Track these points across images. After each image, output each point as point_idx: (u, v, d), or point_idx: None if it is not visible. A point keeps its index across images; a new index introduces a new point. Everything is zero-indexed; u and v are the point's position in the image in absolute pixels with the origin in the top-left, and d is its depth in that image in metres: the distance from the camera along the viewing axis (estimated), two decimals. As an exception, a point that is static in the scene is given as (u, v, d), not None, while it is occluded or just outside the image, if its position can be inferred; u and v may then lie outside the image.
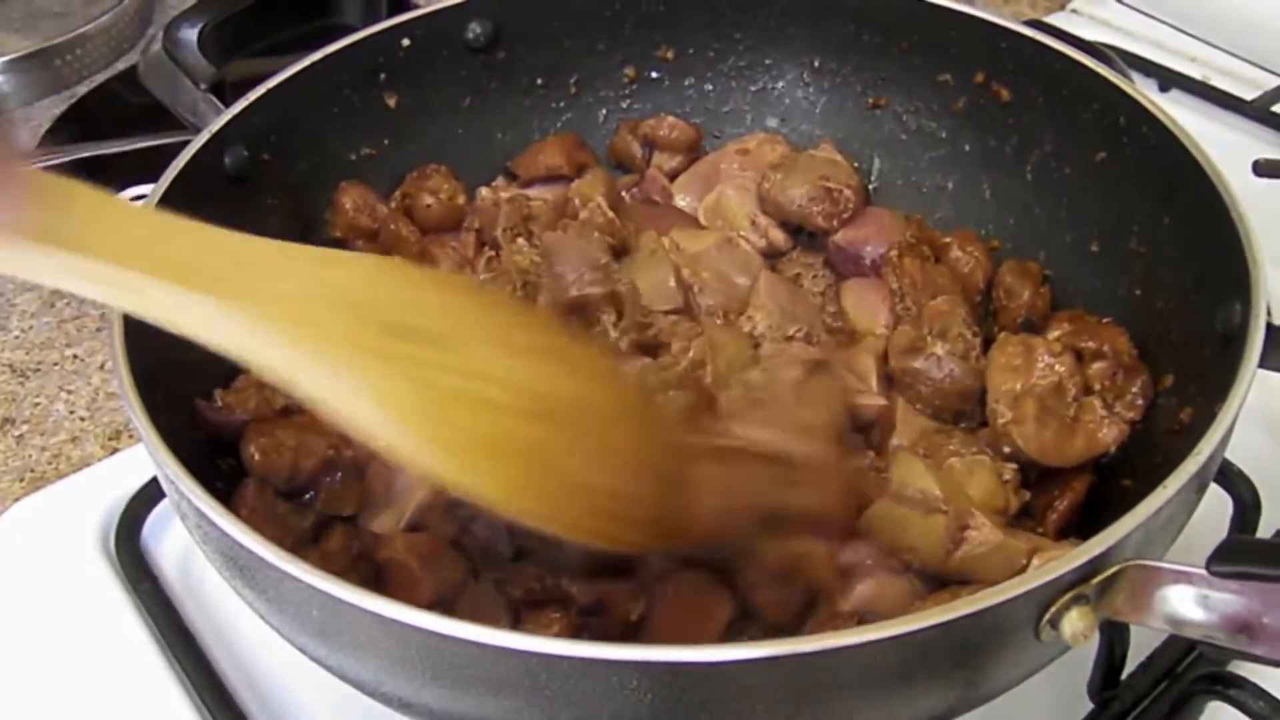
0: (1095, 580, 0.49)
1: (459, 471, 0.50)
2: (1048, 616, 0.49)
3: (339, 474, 0.67)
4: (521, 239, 0.82)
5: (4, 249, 0.43)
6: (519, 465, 0.51)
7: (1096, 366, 0.73)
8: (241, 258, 0.49)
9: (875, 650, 0.46)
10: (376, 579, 0.61)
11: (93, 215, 0.46)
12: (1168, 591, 0.48)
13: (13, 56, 1.25)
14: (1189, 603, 0.48)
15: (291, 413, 0.68)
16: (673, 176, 0.94)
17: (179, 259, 0.48)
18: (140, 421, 0.56)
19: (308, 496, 0.66)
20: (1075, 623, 0.49)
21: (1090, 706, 0.69)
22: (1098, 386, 0.71)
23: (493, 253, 0.84)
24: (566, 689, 0.47)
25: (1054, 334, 0.76)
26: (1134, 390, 0.71)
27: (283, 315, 0.48)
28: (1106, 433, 0.68)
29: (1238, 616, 0.47)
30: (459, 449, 0.49)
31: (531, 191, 0.89)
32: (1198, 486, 0.56)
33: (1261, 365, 0.59)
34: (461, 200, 0.88)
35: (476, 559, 0.64)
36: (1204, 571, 0.47)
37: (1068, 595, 0.49)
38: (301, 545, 0.61)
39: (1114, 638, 0.67)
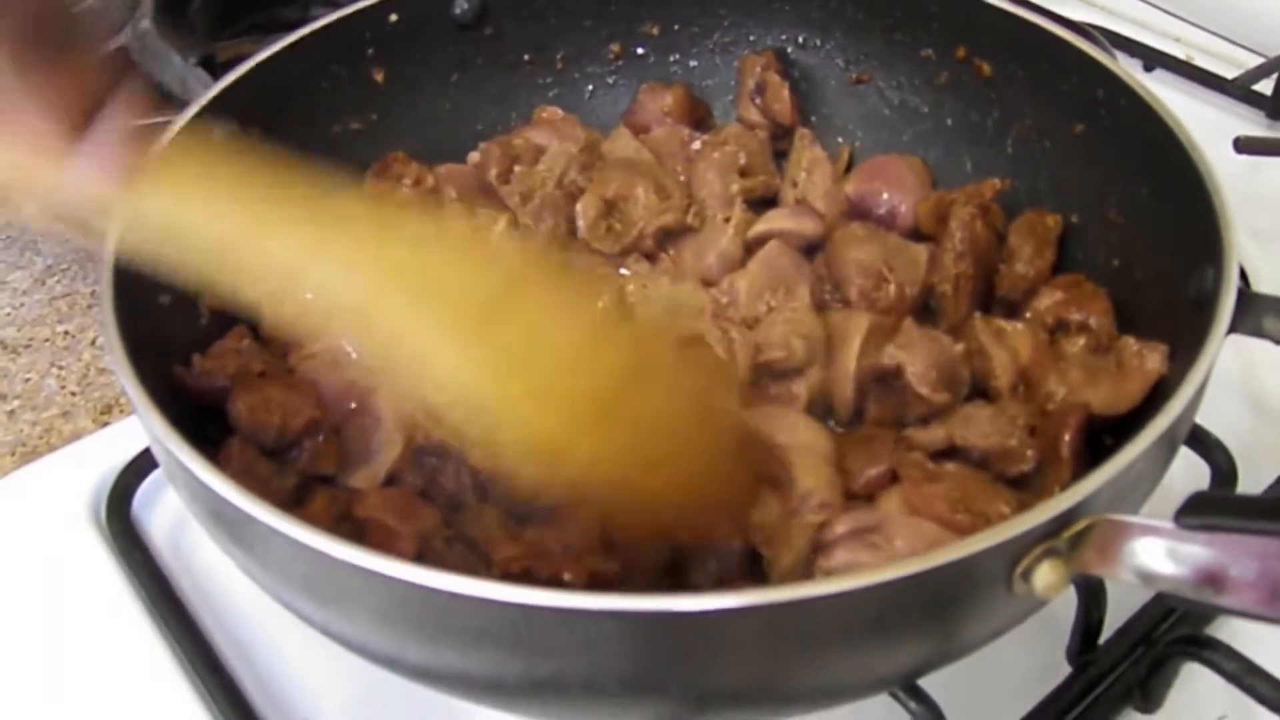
0: (1065, 534, 0.50)
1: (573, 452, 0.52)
2: (1020, 569, 0.50)
3: (321, 434, 0.68)
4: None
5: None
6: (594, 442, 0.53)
7: (1077, 340, 0.74)
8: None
9: (849, 600, 0.46)
10: (357, 539, 0.62)
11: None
12: (1137, 545, 0.49)
13: (3, 37, 1.25)
14: (1158, 555, 0.48)
15: (268, 375, 0.70)
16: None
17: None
18: (129, 383, 0.57)
19: (290, 456, 0.67)
20: (1047, 576, 0.50)
21: (1068, 671, 0.70)
22: (1076, 350, 0.72)
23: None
24: (546, 640, 0.48)
25: (1045, 302, 0.76)
26: None
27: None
28: (1152, 364, 0.67)
29: (1205, 569, 0.47)
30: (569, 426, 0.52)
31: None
32: (1168, 445, 0.57)
33: (1232, 329, 0.60)
34: (430, 180, 0.88)
35: (445, 508, 0.65)
36: (1172, 525, 0.48)
37: (1039, 549, 0.49)
38: (284, 507, 0.62)
39: (1090, 602, 0.68)
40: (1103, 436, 0.68)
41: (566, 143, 0.89)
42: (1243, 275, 0.95)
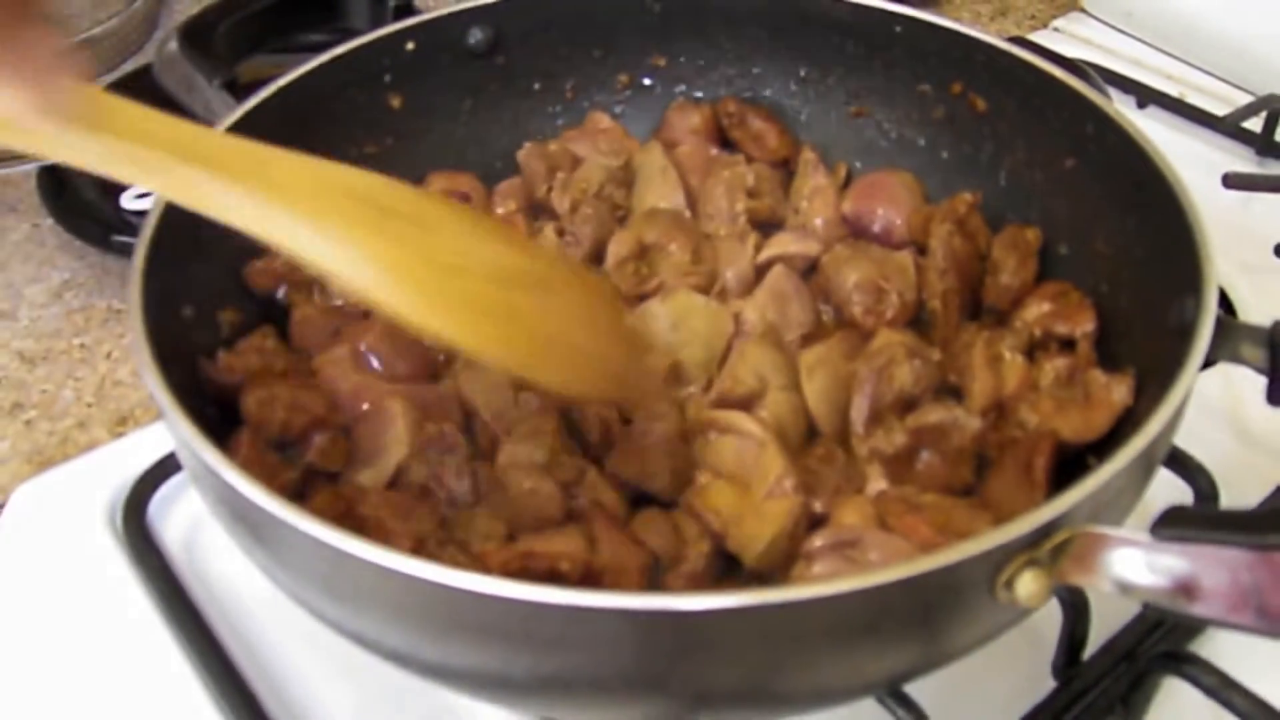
0: (1047, 545, 0.52)
1: (447, 327, 0.58)
2: (1003, 578, 0.52)
3: (328, 432, 0.71)
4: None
5: (55, 131, 0.46)
6: (495, 322, 0.60)
7: (1058, 362, 0.76)
8: (259, 153, 0.57)
9: (840, 603, 0.49)
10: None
11: (133, 114, 0.51)
12: (1114, 555, 0.51)
13: (24, 58, 1.28)
14: (1135, 566, 0.51)
15: (289, 374, 0.73)
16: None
17: (207, 151, 0.54)
18: (156, 385, 0.59)
19: (296, 450, 0.71)
20: (1029, 585, 0.52)
21: (1053, 684, 0.72)
22: (1048, 380, 0.75)
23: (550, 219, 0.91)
24: (554, 635, 0.50)
25: (1033, 313, 0.79)
26: None
27: (295, 197, 0.55)
28: (1118, 395, 0.70)
29: (1179, 578, 0.50)
30: (448, 308, 0.58)
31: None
32: (1145, 464, 0.59)
33: (1212, 356, 0.62)
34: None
35: (443, 506, 0.68)
36: (1148, 537, 0.51)
37: (1021, 558, 0.52)
38: (289, 498, 0.65)
39: (1075, 619, 0.70)
40: (1087, 458, 0.71)
41: (606, 157, 0.92)
42: (1230, 306, 0.98)
